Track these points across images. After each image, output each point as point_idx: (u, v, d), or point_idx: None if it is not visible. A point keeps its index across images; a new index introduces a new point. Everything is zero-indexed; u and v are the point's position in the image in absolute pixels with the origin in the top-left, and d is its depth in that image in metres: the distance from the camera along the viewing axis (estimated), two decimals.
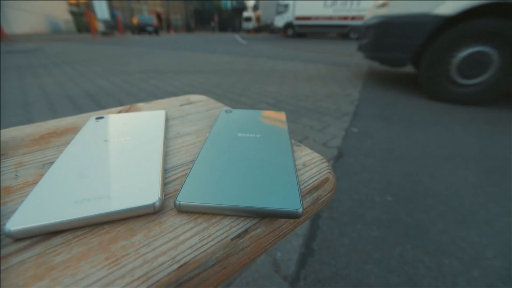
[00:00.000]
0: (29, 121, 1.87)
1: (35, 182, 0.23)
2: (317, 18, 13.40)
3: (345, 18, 12.80)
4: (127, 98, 2.42)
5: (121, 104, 2.25)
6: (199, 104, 0.43)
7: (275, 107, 2.26)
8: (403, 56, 2.51)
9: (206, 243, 0.17)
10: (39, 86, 2.81)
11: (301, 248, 0.90)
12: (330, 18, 13.11)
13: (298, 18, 13.96)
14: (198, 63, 4.67)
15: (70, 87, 2.81)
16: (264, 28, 29.91)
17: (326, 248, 0.91)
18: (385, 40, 2.54)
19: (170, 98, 0.45)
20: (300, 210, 0.19)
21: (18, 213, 0.17)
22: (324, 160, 0.28)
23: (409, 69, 4.33)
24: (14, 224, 0.17)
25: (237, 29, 38.40)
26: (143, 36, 15.90)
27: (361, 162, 1.41)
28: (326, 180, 0.25)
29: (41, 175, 0.24)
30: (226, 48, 7.85)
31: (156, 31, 18.44)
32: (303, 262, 0.85)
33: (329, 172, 0.26)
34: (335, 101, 2.47)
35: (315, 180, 0.25)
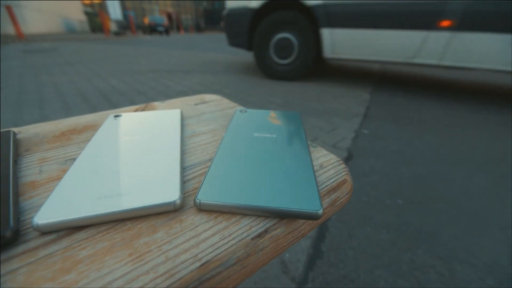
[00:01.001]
0: (44, 118, 1.92)
1: (58, 178, 0.23)
2: None
3: None
4: (138, 97, 2.46)
5: (132, 102, 2.29)
6: (213, 104, 0.43)
7: (284, 107, 2.25)
8: (242, 41, 3.13)
9: (227, 242, 0.17)
10: (54, 85, 2.89)
11: (309, 249, 0.90)
12: None
13: None
14: (208, 63, 4.70)
15: (83, 85, 2.88)
16: None
17: (334, 250, 0.90)
18: (230, 29, 3.18)
19: (184, 97, 0.46)
20: (320, 211, 0.18)
21: (44, 208, 0.18)
22: (341, 161, 0.28)
23: (422, 71, 4.25)
24: (42, 218, 0.17)
25: None
26: (154, 36, 16.15)
27: (371, 164, 1.38)
28: (344, 182, 0.25)
29: (64, 171, 0.24)
30: (236, 48, 7.87)
31: (166, 31, 18.68)
32: (311, 263, 0.85)
33: (346, 174, 0.26)
34: (345, 102, 2.44)
35: (333, 182, 0.24)
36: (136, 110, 0.39)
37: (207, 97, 0.46)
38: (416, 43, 2.27)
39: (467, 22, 2.01)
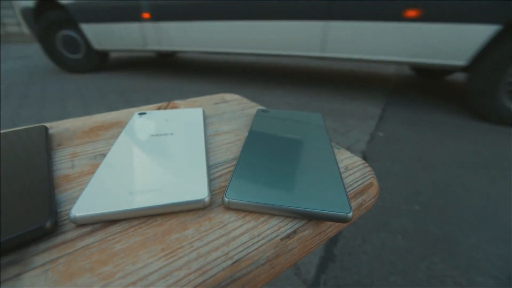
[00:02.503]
0: (66, 113, 2.00)
1: (90, 172, 0.24)
2: None
3: None
4: (153, 95, 2.51)
5: (147, 100, 2.34)
6: (233, 103, 0.43)
7: (293, 107, 2.23)
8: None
9: (257, 242, 0.17)
10: (75, 81, 3.00)
11: (321, 252, 0.89)
12: None
13: None
14: (219, 62, 4.73)
15: (100, 83, 2.97)
16: None
17: (347, 254, 0.89)
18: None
19: (205, 96, 0.46)
20: (350, 214, 0.18)
21: (80, 201, 0.19)
22: (366, 164, 0.27)
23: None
24: (78, 210, 0.18)
25: None
26: None
27: (387, 168, 1.35)
28: (370, 185, 0.24)
29: (95, 166, 0.25)
30: None
31: None
32: (323, 266, 0.84)
33: (372, 177, 0.25)
34: (361, 104, 2.39)
35: (359, 185, 0.24)
36: (159, 108, 0.40)
37: (227, 96, 0.46)
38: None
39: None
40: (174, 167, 0.23)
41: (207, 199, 0.19)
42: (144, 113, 0.35)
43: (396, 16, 1.79)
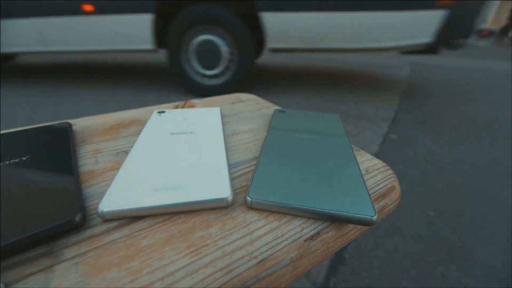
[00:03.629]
0: (80, 111, 2.06)
1: (113, 169, 0.25)
2: None
3: None
4: (166, 94, 2.55)
5: (159, 99, 2.37)
6: (250, 103, 0.43)
7: (305, 108, 2.22)
8: None
9: (281, 242, 0.17)
10: (90, 80, 3.09)
11: (331, 254, 0.87)
12: None
13: None
14: None
15: (117, 81, 3.04)
16: None
17: (358, 258, 0.87)
18: None
19: (221, 96, 0.47)
20: (375, 217, 0.18)
21: (107, 197, 0.19)
22: (388, 167, 0.27)
23: (461, 75, 3.98)
24: (106, 206, 0.18)
25: None
26: None
27: (400, 172, 1.32)
28: (392, 188, 0.24)
29: (117, 162, 0.26)
30: None
31: None
32: (333, 269, 0.83)
33: (394, 180, 0.25)
34: (373, 105, 2.35)
35: (381, 188, 0.23)
36: (176, 107, 0.41)
37: (243, 96, 0.46)
38: None
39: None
40: (196, 165, 0.23)
41: (230, 198, 0.19)
42: (163, 112, 0.35)
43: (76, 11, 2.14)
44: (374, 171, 0.26)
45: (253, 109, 0.41)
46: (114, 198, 0.19)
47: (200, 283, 0.14)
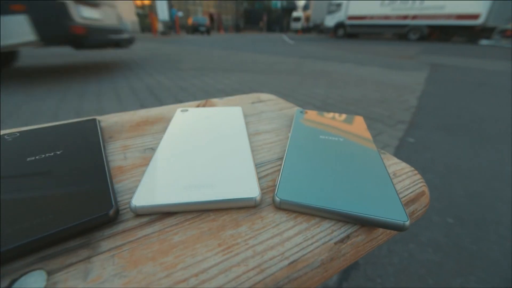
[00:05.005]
0: (100, 108, 2.13)
1: (141, 165, 0.25)
2: (372, 17, 12.62)
3: (405, 17, 11.80)
4: (180, 93, 2.59)
5: (175, 98, 2.42)
6: (270, 103, 0.43)
7: (323, 110, 2.19)
8: None
9: (311, 244, 0.17)
10: (110, 79, 3.19)
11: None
12: (386, 17, 12.24)
13: (351, 18, 13.33)
14: (246, 63, 4.78)
15: (133, 80, 3.13)
16: (313, 28, 29.24)
17: (372, 263, 0.85)
18: None
19: (241, 95, 0.47)
20: (407, 223, 0.17)
21: (139, 192, 0.20)
22: (416, 171, 0.26)
23: (485, 77, 3.82)
24: (138, 201, 0.19)
25: (285, 29, 38.31)
26: (196, 35, 16.90)
27: None
28: (422, 193, 0.23)
29: (145, 159, 0.26)
30: (273, 48, 7.89)
31: (207, 31, 19.41)
32: (346, 274, 0.81)
33: (424, 186, 0.24)
34: (388, 107, 2.29)
35: (410, 193, 0.23)
36: (198, 106, 0.41)
37: (263, 96, 0.47)
38: None
39: None
40: (223, 164, 0.23)
41: (258, 198, 0.19)
42: (186, 110, 0.36)
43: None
44: (402, 175, 0.25)
45: (273, 109, 0.40)
46: (146, 194, 0.19)
47: (233, 282, 0.14)
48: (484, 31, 10.26)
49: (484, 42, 10.31)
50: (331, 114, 0.36)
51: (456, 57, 5.87)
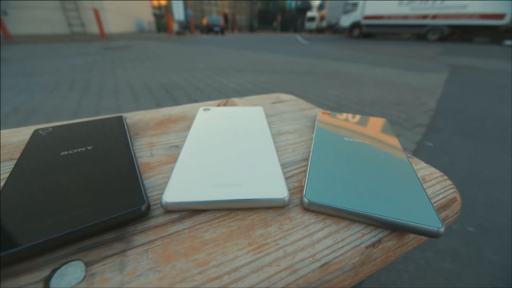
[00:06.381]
0: (118, 106, 2.19)
1: (168, 162, 0.26)
2: (389, 17, 12.30)
3: (424, 16, 11.42)
4: (195, 92, 2.63)
5: (190, 97, 2.45)
6: (290, 103, 0.43)
7: (337, 111, 2.15)
8: None
9: (342, 247, 0.17)
10: (126, 78, 3.28)
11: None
12: (405, 17, 11.90)
13: (367, 18, 13.04)
14: (259, 63, 4.78)
15: (149, 79, 3.20)
16: (328, 29, 28.86)
17: (386, 269, 0.83)
18: None
19: (260, 95, 0.47)
20: (442, 229, 0.17)
21: (169, 189, 0.20)
22: (446, 176, 0.25)
23: (508, 80, 3.64)
24: (169, 197, 0.19)
25: (299, 29, 38.04)
26: (210, 35, 17.09)
27: None
28: (453, 200, 0.22)
29: (170, 156, 0.27)
30: (287, 48, 7.84)
31: (222, 31, 19.57)
32: None
33: (455, 192, 0.23)
34: (405, 110, 2.23)
35: (441, 198, 0.22)
36: (218, 105, 0.42)
37: (282, 96, 0.46)
38: None
39: None
40: (250, 163, 0.23)
41: (287, 199, 0.19)
42: (208, 109, 0.36)
43: None
44: (432, 180, 0.24)
45: (294, 109, 0.40)
46: (176, 191, 0.20)
47: (266, 281, 0.14)
48: (509, 31, 9.79)
49: (509, 42, 9.83)
50: (354, 116, 0.35)
51: (479, 58, 5.63)
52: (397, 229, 0.18)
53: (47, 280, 0.14)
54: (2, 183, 0.23)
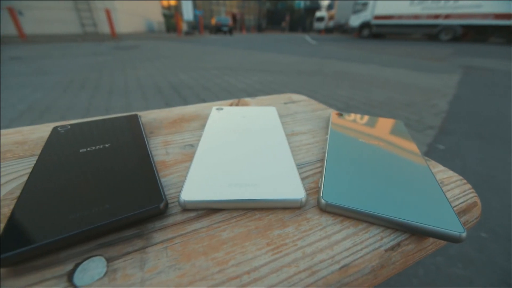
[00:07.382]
0: (128, 105, 2.23)
1: (183, 161, 0.26)
2: (400, 17, 12.09)
3: (436, 16, 11.18)
4: (203, 92, 2.65)
5: (198, 96, 2.47)
6: (302, 104, 0.43)
7: (345, 111, 2.13)
8: None
9: (361, 249, 0.16)
10: (136, 77, 3.33)
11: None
12: (416, 17, 11.67)
13: (377, 17, 12.86)
14: (267, 62, 4.77)
15: (158, 79, 3.24)
16: (336, 29, 28.59)
17: (396, 273, 0.82)
18: None
19: (272, 95, 0.47)
20: (464, 234, 0.16)
21: (186, 187, 0.20)
22: (465, 180, 0.25)
23: None
24: (187, 196, 0.19)
25: (308, 29, 37.82)
26: (219, 35, 17.18)
27: None
28: (474, 204, 0.22)
29: (186, 155, 0.27)
30: (295, 48, 7.81)
31: (230, 31, 19.64)
32: None
33: (476, 196, 0.23)
34: (416, 111, 2.19)
35: (461, 203, 0.22)
36: (231, 104, 0.42)
37: (294, 96, 0.46)
38: None
39: None
40: (266, 163, 0.23)
41: (304, 199, 0.19)
42: (221, 109, 0.37)
43: None
44: (451, 184, 0.24)
45: (307, 110, 0.40)
46: (193, 189, 0.20)
47: (285, 282, 0.14)
48: None
49: None
50: (369, 118, 0.35)
51: (493, 59, 5.48)
52: (417, 233, 0.18)
53: (70, 275, 0.15)
54: (26, 178, 0.23)
